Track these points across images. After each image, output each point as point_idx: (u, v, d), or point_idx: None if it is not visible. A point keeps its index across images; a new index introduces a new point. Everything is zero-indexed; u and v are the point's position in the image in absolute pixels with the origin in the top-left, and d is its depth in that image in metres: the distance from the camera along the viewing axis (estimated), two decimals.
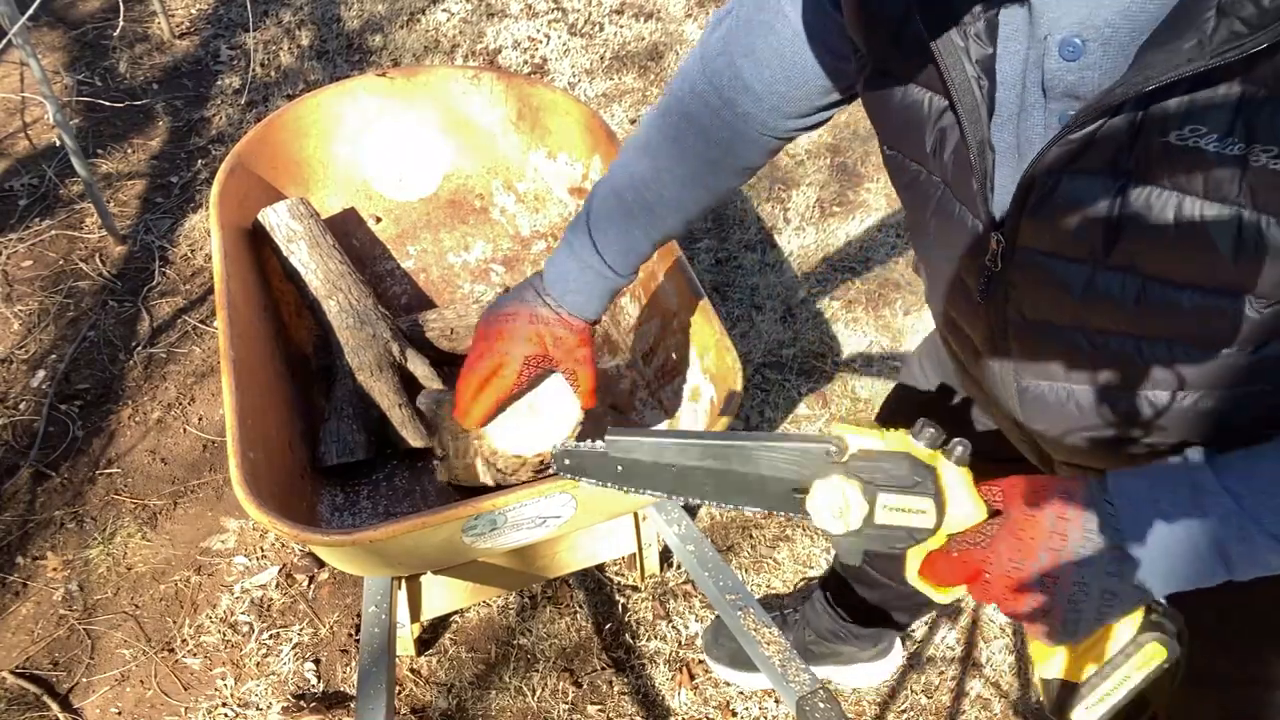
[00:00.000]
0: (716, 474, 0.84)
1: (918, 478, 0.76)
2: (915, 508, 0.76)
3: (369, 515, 1.64)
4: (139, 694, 1.73)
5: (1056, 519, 0.73)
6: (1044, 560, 0.73)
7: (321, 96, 1.91)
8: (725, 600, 1.43)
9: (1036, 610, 0.74)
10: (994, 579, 0.76)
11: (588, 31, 3.44)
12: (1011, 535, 0.75)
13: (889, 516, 0.77)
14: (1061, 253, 0.73)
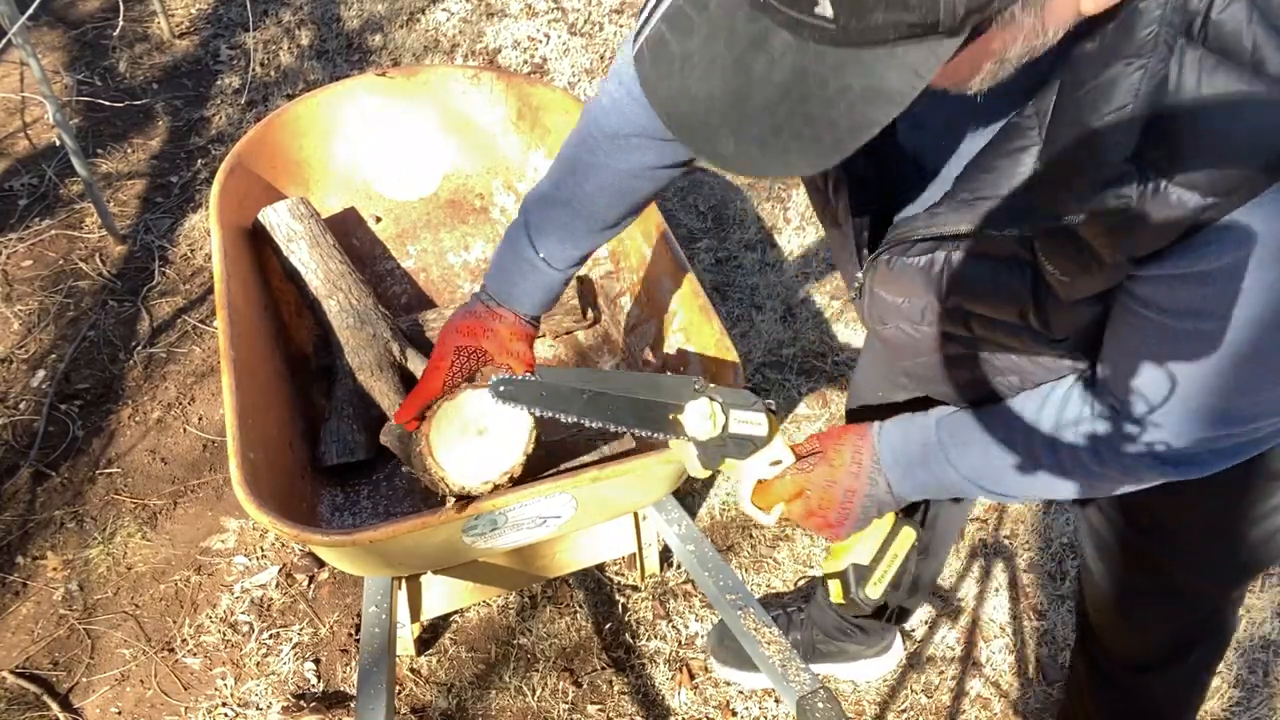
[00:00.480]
0: (615, 400, 1.07)
1: (753, 400, 1.08)
2: (755, 420, 1.08)
3: (369, 515, 1.64)
4: (139, 694, 1.73)
5: (854, 453, 1.09)
6: (846, 480, 1.08)
7: (321, 96, 1.91)
8: (725, 600, 1.43)
9: (841, 510, 1.09)
10: (813, 493, 1.09)
11: (588, 31, 3.44)
12: (826, 463, 1.09)
13: (739, 426, 1.07)
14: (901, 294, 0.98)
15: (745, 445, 1.07)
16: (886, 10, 0.53)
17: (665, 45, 0.64)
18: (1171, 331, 0.77)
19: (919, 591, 1.68)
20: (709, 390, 1.07)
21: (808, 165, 0.62)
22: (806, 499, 1.08)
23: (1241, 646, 1.91)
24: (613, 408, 1.08)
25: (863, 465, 1.07)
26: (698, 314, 1.60)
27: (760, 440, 1.08)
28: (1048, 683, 1.84)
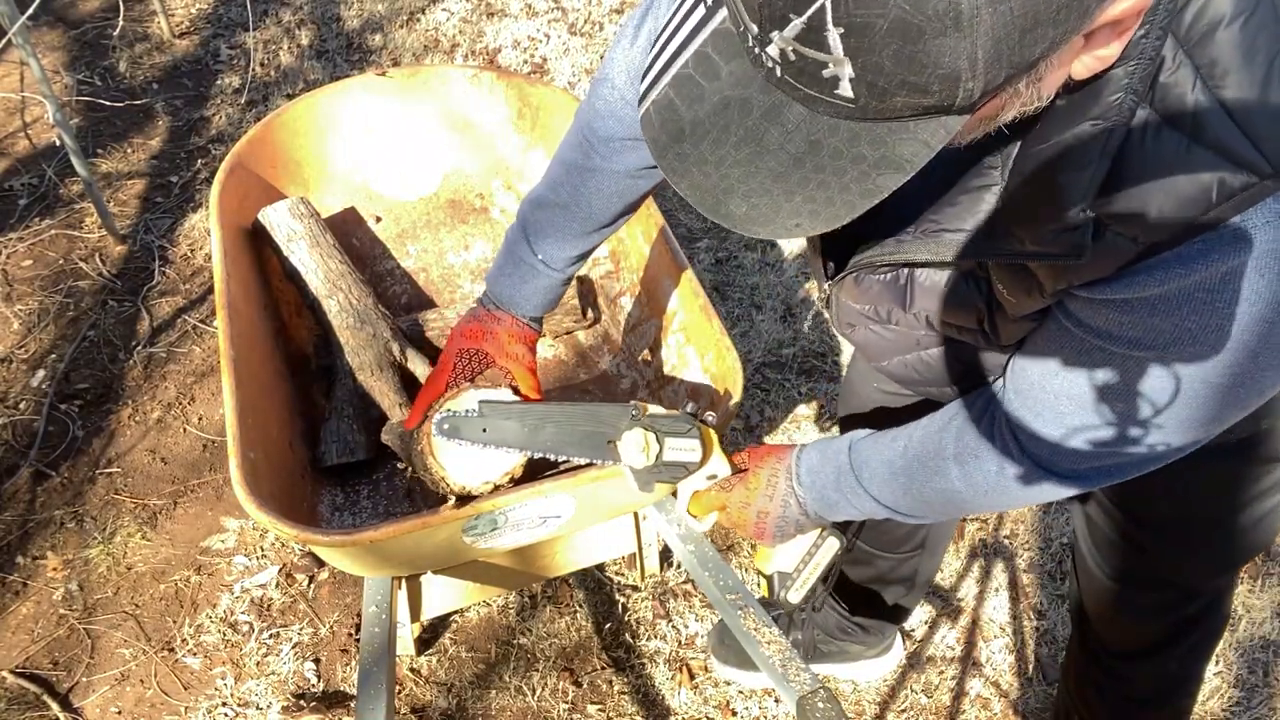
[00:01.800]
0: (556, 431, 1.16)
1: (688, 426, 1.15)
2: (689, 448, 1.14)
3: (369, 515, 1.64)
4: (139, 693, 1.73)
5: (771, 475, 1.15)
6: (759, 503, 1.15)
7: (321, 96, 1.91)
8: (725, 600, 1.43)
9: (756, 530, 1.16)
10: (731, 510, 1.17)
11: (588, 31, 3.44)
12: (743, 485, 1.16)
13: (672, 454, 1.14)
14: (866, 303, 1.07)
15: (679, 471, 1.15)
16: (907, 95, 0.56)
17: (674, 110, 0.66)
18: (1083, 347, 0.83)
19: (916, 589, 1.68)
20: (644, 419, 1.13)
21: (817, 227, 0.65)
22: (726, 514, 1.18)
23: (1241, 646, 1.91)
24: (554, 438, 1.17)
25: (777, 489, 1.14)
26: (698, 314, 1.60)
27: (693, 465, 1.15)
28: (1048, 683, 1.84)
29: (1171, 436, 0.83)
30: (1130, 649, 1.44)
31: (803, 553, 1.20)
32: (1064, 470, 0.91)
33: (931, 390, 1.18)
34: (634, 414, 1.13)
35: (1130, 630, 1.41)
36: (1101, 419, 0.85)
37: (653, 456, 1.12)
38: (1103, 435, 0.86)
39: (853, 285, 1.04)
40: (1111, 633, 1.43)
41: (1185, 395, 0.79)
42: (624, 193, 1.21)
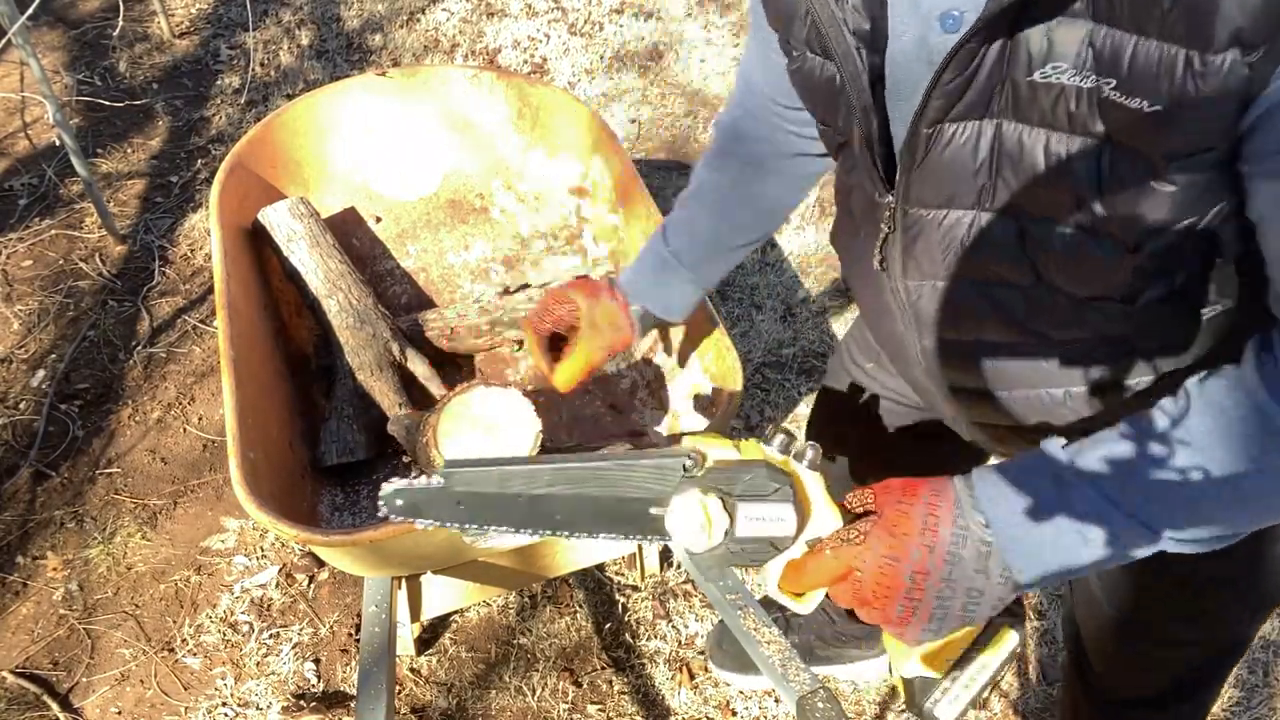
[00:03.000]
0: (569, 500, 0.78)
1: (776, 484, 0.77)
2: (776, 516, 0.77)
3: (369, 515, 1.64)
4: (139, 694, 1.73)
5: (928, 515, 0.73)
6: (916, 557, 0.72)
7: (321, 96, 1.91)
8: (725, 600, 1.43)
9: (905, 607, 0.73)
10: (866, 575, 0.74)
11: (588, 31, 3.44)
12: (885, 532, 0.73)
13: (750, 528, 0.77)
14: (947, 203, 0.80)
15: (762, 550, 0.79)
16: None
17: None
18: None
19: None
20: (705, 478, 0.77)
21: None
22: (858, 584, 0.75)
23: None
24: (568, 512, 0.79)
25: (940, 537, 0.72)
26: (698, 314, 1.60)
27: (784, 541, 0.79)
28: (1048, 683, 1.84)
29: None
30: (1141, 698, 1.25)
31: (958, 653, 0.82)
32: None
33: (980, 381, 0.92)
34: (687, 467, 0.76)
35: (1143, 677, 1.23)
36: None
37: (719, 534, 0.76)
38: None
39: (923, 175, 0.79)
40: (1120, 679, 1.25)
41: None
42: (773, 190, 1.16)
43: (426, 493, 0.79)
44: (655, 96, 3.19)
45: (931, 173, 0.78)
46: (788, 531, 0.77)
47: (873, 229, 0.89)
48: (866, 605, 0.75)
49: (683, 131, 3.06)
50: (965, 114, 0.73)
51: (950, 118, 0.74)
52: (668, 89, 3.23)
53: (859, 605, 0.76)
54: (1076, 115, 0.68)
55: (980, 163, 0.75)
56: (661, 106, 3.15)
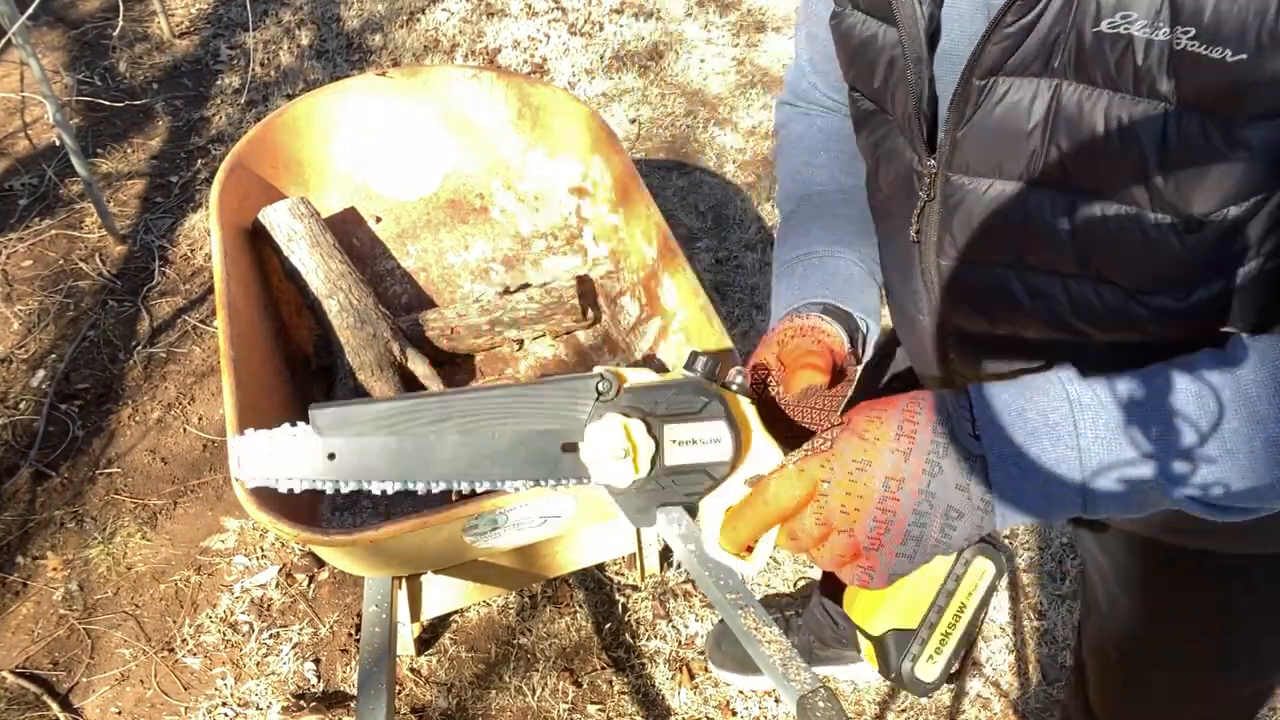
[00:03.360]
0: (465, 443, 0.66)
1: (704, 398, 0.65)
2: (709, 436, 0.65)
3: (369, 515, 1.64)
4: (139, 694, 1.73)
5: (904, 420, 0.63)
6: (890, 462, 0.62)
7: (321, 96, 1.91)
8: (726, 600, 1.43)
9: (877, 524, 0.63)
10: (834, 486, 0.63)
11: (588, 31, 3.44)
12: (856, 435, 0.63)
13: (681, 453, 0.65)
14: (993, 172, 0.72)
15: (695, 481, 0.67)
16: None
17: None
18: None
19: None
20: (623, 398, 0.65)
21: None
22: (822, 503, 0.64)
23: None
24: (461, 456, 0.66)
25: (918, 445, 0.62)
26: (698, 314, 1.60)
27: (720, 467, 0.67)
28: (1048, 683, 1.84)
29: None
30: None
31: (930, 592, 0.71)
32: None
33: None
34: (601, 390, 0.65)
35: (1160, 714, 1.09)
36: None
37: (645, 462, 0.65)
38: None
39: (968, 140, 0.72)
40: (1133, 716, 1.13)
41: None
42: None
43: (290, 443, 0.66)
44: (655, 96, 3.19)
45: (979, 134, 0.71)
46: (724, 455, 0.66)
47: (908, 200, 0.80)
48: (831, 530, 0.64)
49: (683, 131, 3.06)
50: (1022, 67, 0.67)
51: (1006, 70, 0.67)
52: (668, 89, 3.23)
53: (821, 535, 0.65)
54: (1143, 73, 0.62)
55: (1034, 125, 0.68)
56: (661, 106, 3.15)
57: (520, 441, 0.66)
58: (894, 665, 0.71)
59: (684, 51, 3.39)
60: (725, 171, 2.92)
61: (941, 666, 0.72)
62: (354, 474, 0.66)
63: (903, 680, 0.72)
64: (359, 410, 0.66)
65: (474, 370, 1.90)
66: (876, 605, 0.72)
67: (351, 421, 0.65)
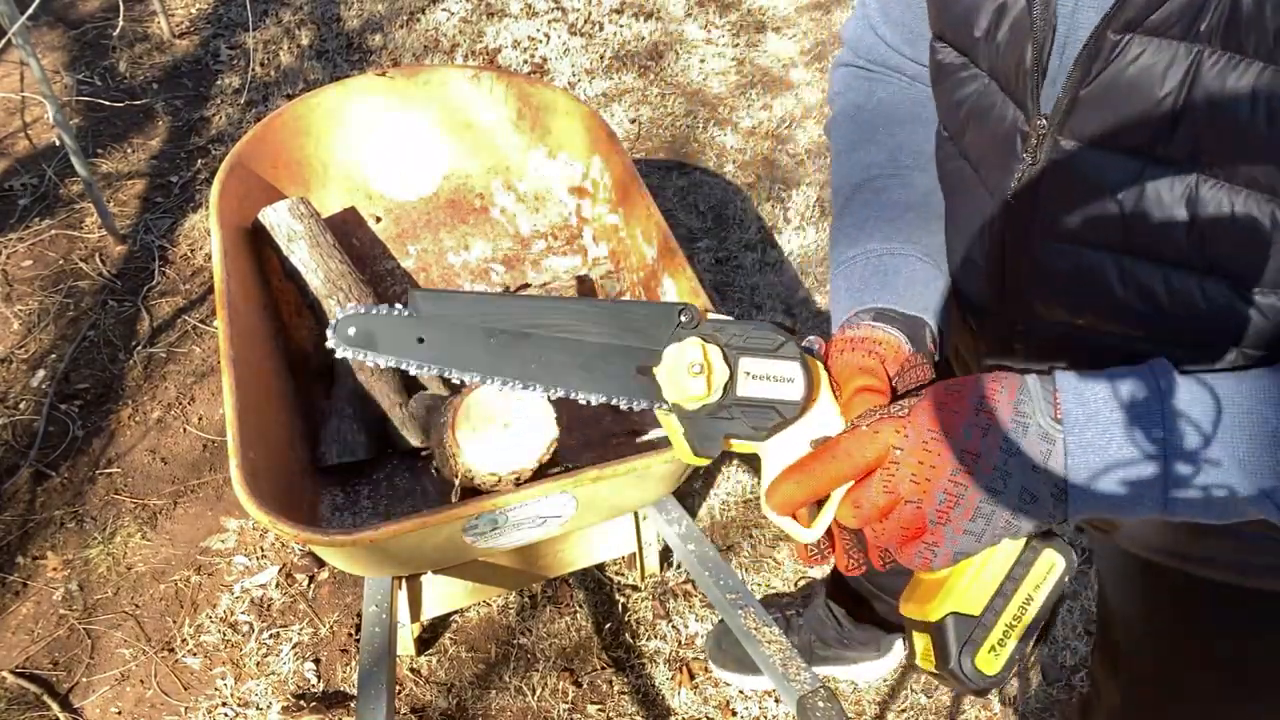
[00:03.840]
0: (549, 345, 0.69)
1: (782, 338, 0.67)
2: (783, 374, 0.67)
3: (369, 515, 1.64)
4: (139, 694, 1.73)
5: (984, 397, 0.62)
6: (968, 437, 0.60)
7: (321, 96, 1.91)
8: (726, 600, 1.43)
9: (947, 498, 0.61)
10: (907, 453, 0.61)
11: (588, 31, 3.44)
12: (933, 405, 0.62)
13: (753, 386, 0.67)
14: (1112, 141, 0.65)
15: (764, 415, 0.67)
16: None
17: None
18: None
19: None
20: (704, 325, 0.68)
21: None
22: (892, 471, 0.62)
23: None
24: (542, 363, 0.70)
25: (999, 416, 0.61)
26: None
27: (790, 407, 0.67)
28: (1048, 683, 1.84)
29: None
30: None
31: (997, 577, 0.67)
32: None
33: None
34: (683, 320, 0.68)
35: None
36: None
37: (719, 385, 0.66)
38: None
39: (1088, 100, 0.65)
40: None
41: None
42: None
43: (385, 321, 0.70)
44: (655, 96, 3.19)
45: (1103, 96, 0.64)
46: (795, 395, 0.67)
47: (1003, 164, 0.73)
48: (898, 501, 0.62)
49: (683, 131, 3.06)
50: (1163, 27, 0.60)
51: (1145, 28, 0.61)
52: (668, 89, 3.23)
53: (887, 505, 0.63)
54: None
55: (1166, 94, 0.61)
56: (661, 106, 3.15)
57: (599, 355, 0.69)
58: (953, 654, 0.67)
59: (684, 51, 3.39)
60: (725, 171, 2.92)
61: (1005, 660, 0.67)
62: (439, 360, 0.70)
63: (962, 673, 0.67)
64: (455, 298, 0.70)
65: None
66: (935, 593, 0.68)
67: (446, 308, 0.69)
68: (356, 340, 0.70)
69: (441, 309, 0.69)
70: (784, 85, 3.31)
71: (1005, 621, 0.67)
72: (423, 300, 0.69)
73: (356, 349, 0.70)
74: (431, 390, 1.75)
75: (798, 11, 3.68)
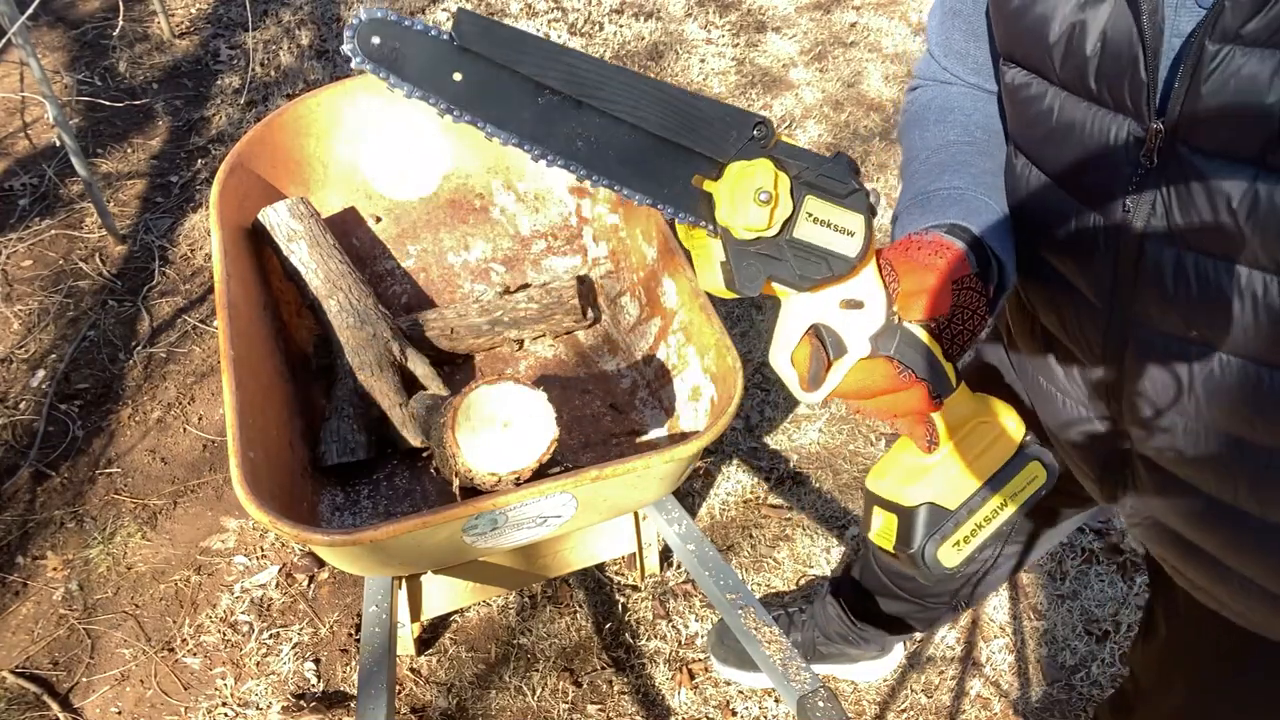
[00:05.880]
0: (599, 125, 0.59)
1: (855, 185, 0.62)
2: (845, 225, 0.62)
3: (369, 515, 1.64)
4: (139, 694, 1.73)
5: None
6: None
7: (321, 96, 1.91)
8: (726, 600, 1.43)
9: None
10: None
11: (588, 31, 3.44)
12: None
13: (811, 231, 0.61)
14: (1223, 150, 0.64)
15: (816, 265, 0.63)
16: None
17: None
18: None
19: (931, 625, 1.56)
20: (777, 148, 0.61)
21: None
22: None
23: None
24: (592, 137, 0.60)
25: None
26: (698, 314, 1.60)
27: (843, 263, 0.63)
28: (1048, 683, 1.84)
29: None
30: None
31: (979, 483, 0.70)
32: None
33: None
34: (758, 135, 0.60)
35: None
36: None
37: (778, 222, 0.61)
38: None
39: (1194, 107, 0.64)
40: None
41: None
42: None
43: (419, 39, 0.57)
44: None
45: (1211, 102, 0.63)
46: (852, 250, 0.62)
47: (1110, 173, 0.72)
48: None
49: None
50: (1263, 36, 0.59)
51: (1243, 38, 0.60)
52: None
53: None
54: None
55: (1273, 101, 0.59)
56: None
57: (654, 150, 0.60)
58: (918, 541, 0.68)
59: (684, 51, 3.39)
60: None
61: (965, 556, 0.69)
62: (473, 106, 0.59)
63: (922, 560, 0.68)
64: (509, 35, 0.57)
65: (474, 370, 1.90)
66: (919, 476, 0.69)
67: (496, 42, 0.57)
68: (379, 54, 0.57)
69: (490, 42, 0.57)
70: (784, 85, 3.31)
71: (976, 520, 0.69)
72: (469, 25, 0.57)
73: (377, 65, 0.58)
74: (431, 390, 1.75)
75: (798, 11, 3.68)
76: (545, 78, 0.58)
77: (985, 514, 0.69)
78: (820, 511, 2.08)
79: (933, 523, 0.68)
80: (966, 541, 0.69)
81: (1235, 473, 0.74)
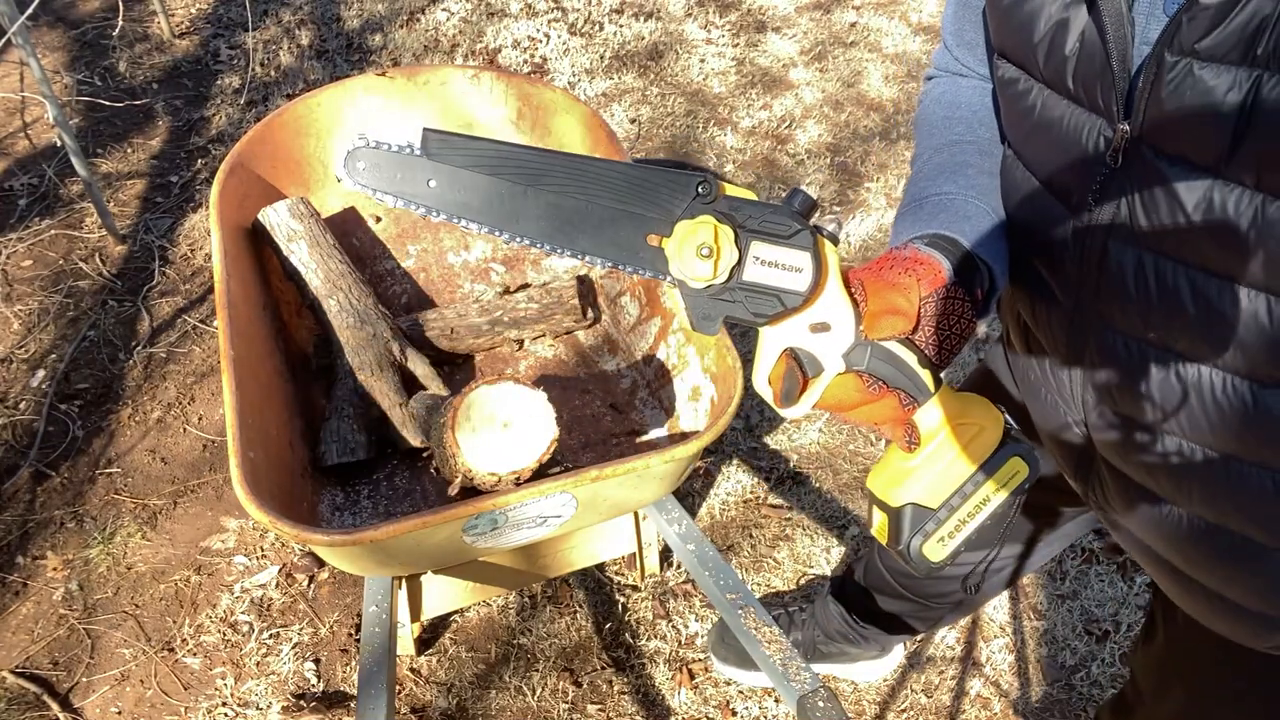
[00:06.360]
0: (560, 203, 0.68)
1: (797, 226, 0.67)
2: (792, 263, 0.67)
3: (369, 515, 1.63)
4: (139, 693, 1.73)
5: None
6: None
7: (321, 96, 1.91)
8: (726, 599, 1.43)
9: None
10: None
11: (588, 31, 3.44)
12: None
13: (759, 272, 0.67)
14: (1182, 157, 0.66)
15: (767, 303, 0.68)
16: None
17: None
18: None
19: (934, 625, 1.58)
20: (719, 203, 0.67)
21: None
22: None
23: None
24: (553, 215, 0.69)
25: None
26: None
27: (794, 297, 0.68)
28: (1048, 683, 1.84)
29: None
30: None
31: (960, 481, 0.73)
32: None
33: None
34: (701, 191, 0.67)
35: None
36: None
37: (725, 269, 0.67)
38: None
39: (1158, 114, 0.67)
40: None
41: None
42: None
43: (397, 159, 0.70)
44: (655, 96, 3.19)
45: (1169, 112, 0.65)
46: (801, 286, 0.67)
47: (1080, 170, 0.75)
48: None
49: (683, 131, 3.06)
50: (1219, 51, 0.61)
51: (1200, 52, 0.62)
52: (668, 89, 3.23)
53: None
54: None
55: (1228, 116, 0.61)
56: (661, 106, 3.15)
57: (609, 219, 0.69)
58: (905, 539, 0.73)
59: (684, 51, 3.39)
60: (725, 171, 2.92)
61: (950, 550, 0.73)
62: (448, 206, 0.70)
63: (909, 555, 0.74)
64: (468, 143, 0.69)
65: (474, 370, 1.90)
66: (903, 478, 0.73)
67: (458, 151, 0.69)
68: (366, 176, 0.70)
69: (454, 152, 0.69)
70: (784, 85, 3.31)
71: (959, 517, 0.73)
72: (435, 142, 0.68)
73: (365, 185, 0.70)
74: (431, 390, 1.75)
75: (798, 11, 3.68)
76: (502, 173, 0.69)
77: (968, 510, 0.73)
78: (820, 511, 2.08)
79: (916, 521, 0.73)
80: (951, 537, 0.73)
81: (1188, 479, 0.76)
